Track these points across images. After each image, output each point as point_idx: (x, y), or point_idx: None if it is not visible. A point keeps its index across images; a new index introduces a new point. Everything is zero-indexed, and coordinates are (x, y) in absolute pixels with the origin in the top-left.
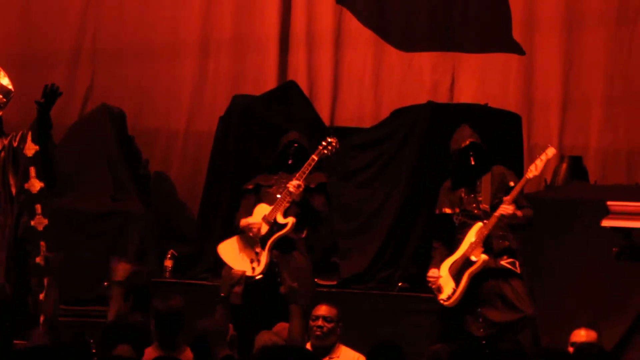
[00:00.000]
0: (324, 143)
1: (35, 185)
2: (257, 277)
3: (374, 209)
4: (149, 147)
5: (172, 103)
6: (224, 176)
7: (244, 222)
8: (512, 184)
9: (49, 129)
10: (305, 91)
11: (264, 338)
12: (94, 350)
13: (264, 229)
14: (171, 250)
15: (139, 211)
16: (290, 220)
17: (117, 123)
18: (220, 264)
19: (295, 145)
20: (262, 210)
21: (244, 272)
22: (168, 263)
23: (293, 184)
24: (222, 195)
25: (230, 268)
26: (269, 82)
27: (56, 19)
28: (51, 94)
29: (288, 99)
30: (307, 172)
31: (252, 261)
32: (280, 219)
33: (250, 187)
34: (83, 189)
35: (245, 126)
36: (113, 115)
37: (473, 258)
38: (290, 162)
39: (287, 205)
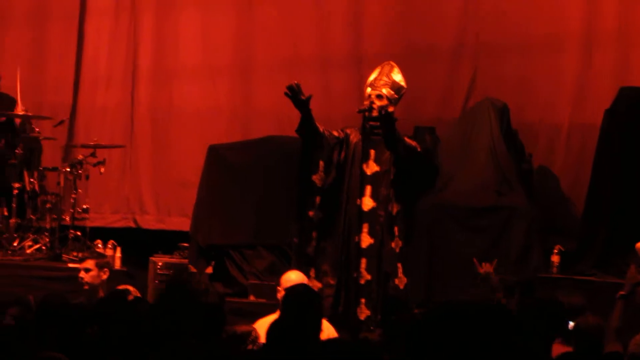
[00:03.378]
0: None
1: (368, 204)
2: None
3: None
4: (532, 140)
5: (556, 96)
6: (610, 171)
7: None
8: None
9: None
10: None
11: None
12: None
13: None
14: (558, 246)
15: (524, 206)
16: None
17: (501, 117)
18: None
19: None
20: None
21: None
22: (554, 258)
23: None
24: (607, 190)
25: (637, 267)
26: None
27: (439, 14)
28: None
29: None
30: None
31: None
32: None
33: None
34: (467, 183)
35: (633, 119)
36: (497, 109)
37: None
38: None
39: None
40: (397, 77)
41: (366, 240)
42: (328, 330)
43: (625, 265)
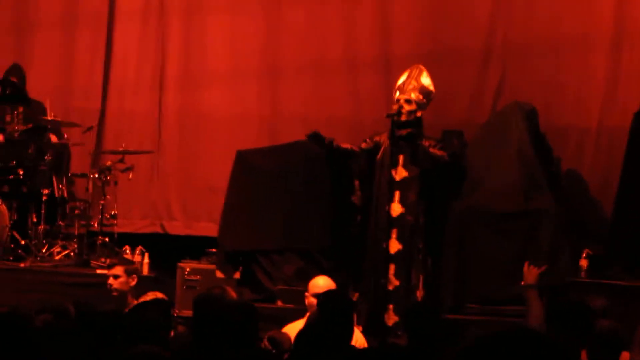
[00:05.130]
0: None
1: (396, 210)
2: None
3: None
4: (560, 144)
5: (585, 97)
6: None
7: None
8: None
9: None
10: None
11: None
12: None
13: None
14: (586, 250)
15: (552, 209)
16: None
17: (529, 120)
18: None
19: None
20: None
21: None
22: (583, 262)
23: None
24: (637, 193)
25: None
26: None
27: (467, 15)
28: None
29: None
30: None
31: None
32: None
33: None
34: (496, 186)
35: None
36: (525, 112)
37: None
38: None
39: None
40: (426, 81)
41: (395, 246)
42: (356, 336)
43: None
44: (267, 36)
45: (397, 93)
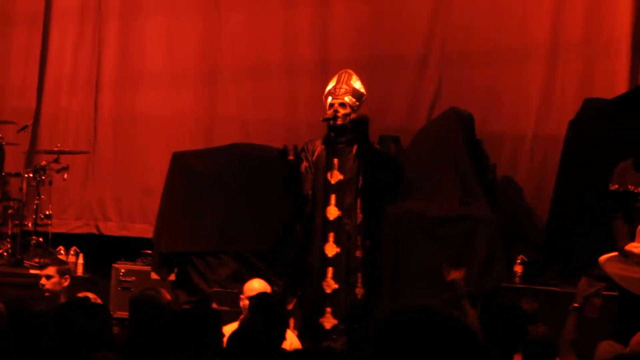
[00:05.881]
0: None
1: (333, 213)
2: None
3: None
4: (496, 151)
5: (521, 106)
6: (574, 182)
7: (630, 247)
8: None
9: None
10: None
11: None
12: None
13: None
14: (521, 256)
15: (487, 216)
16: None
17: (465, 126)
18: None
19: None
20: None
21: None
22: (517, 268)
23: None
24: (570, 201)
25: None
26: (620, 86)
27: (406, 23)
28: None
29: None
30: None
31: None
32: None
33: (617, 189)
34: (431, 193)
35: (596, 130)
36: (462, 119)
37: None
38: None
39: None
40: (357, 84)
41: (332, 250)
42: (291, 340)
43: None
44: (205, 39)
45: (330, 98)
